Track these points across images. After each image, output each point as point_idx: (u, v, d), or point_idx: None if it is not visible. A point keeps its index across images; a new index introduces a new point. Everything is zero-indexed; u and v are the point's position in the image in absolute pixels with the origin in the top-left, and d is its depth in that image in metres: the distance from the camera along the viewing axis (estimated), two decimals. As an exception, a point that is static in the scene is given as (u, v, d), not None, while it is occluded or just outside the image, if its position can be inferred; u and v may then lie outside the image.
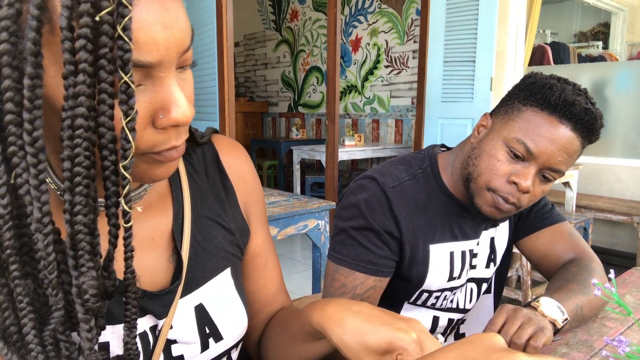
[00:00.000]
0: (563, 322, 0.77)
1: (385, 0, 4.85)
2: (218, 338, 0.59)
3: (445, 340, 1.06)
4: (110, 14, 0.35)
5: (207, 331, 0.58)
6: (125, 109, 0.37)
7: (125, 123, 0.37)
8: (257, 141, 5.86)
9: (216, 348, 0.59)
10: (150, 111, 0.42)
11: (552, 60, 5.04)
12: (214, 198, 0.64)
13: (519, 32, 3.62)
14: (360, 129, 5.30)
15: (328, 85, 3.54)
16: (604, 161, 3.81)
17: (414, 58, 4.62)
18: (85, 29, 0.34)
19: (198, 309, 0.58)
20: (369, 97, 5.16)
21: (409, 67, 4.72)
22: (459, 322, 1.05)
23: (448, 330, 1.04)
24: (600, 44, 6.04)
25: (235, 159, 0.68)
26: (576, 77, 4.05)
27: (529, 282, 2.41)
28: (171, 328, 0.55)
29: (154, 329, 0.55)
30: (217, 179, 0.65)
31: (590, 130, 0.82)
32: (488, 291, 1.10)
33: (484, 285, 1.06)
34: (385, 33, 4.90)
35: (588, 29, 6.48)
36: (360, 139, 4.54)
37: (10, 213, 0.39)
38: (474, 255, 1.00)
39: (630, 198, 3.63)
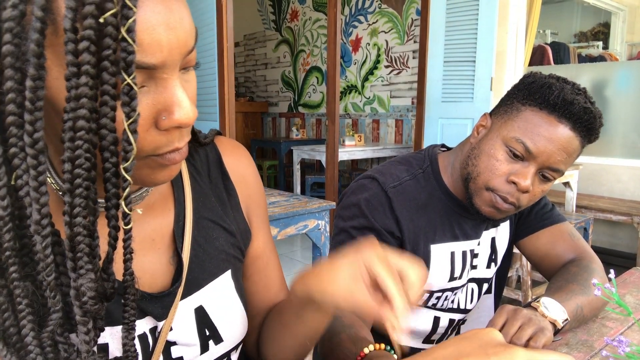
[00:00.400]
0: (563, 323, 0.77)
1: (385, 0, 4.85)
2: (218, 340, 0.59)
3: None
4: (114, 15, 0.34)
5: (207, 333, 0.58)
6: (128, 110, 0.37)
7: (127, 125, 0.37)
8: (257, 141, 5.87)
9: (216, 350, 0.59)
10: (153, 113, 0.42)
11: (552, 60, 5.05)
12: (215, 200, 0.64)
13: (519, 32, 3.62)
14: (360, 129, 5.30)
15: (328, 85, 3.54)
16: (604, 161, 3.81)
17: (414, 58, 4.62)
18: (89, 31, 0.34)
19: (198, 311, 0.58)
20: (369, 97, 5.16)
21: (409, 67, 4.72)
22: (459, 323, 1.05)
23: (449, 331, 1.04)
24: (600, 44, 6.05)
25: (238, 161, 0.68)
26: (576, 77, 4.05)
27: (529, 282, 2.41)
28: (171, 330, 0.55)
29: (153, 330, 0.55)
30: (220, 181, 0.65)
31: (590, 129, 0.82)
32: (489, 291, 1.10)
33: (484, 286, 1.06)
34: (386, 33, 4.90)
35: (588, 29, 6.48)
36: (360, 139, 4.54)
37: (10, 215, 0.39)
38: (475, 256, 1.00)
39: (630, 198, 3.63)
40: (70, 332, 0.43)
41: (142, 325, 0.54)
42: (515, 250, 1.10)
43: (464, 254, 0.98)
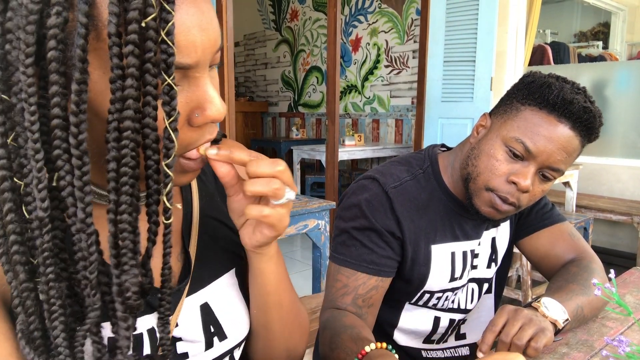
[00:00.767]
0: (564, 323, 0.77)
1: (385, 0, 4.85)
2: (222, 337, 0.60)
3: (446, 341, 1.07)
4: (154, 19, 0.36)
5: (212, 330, 0.59)
6: (168, 109, 0.39)
7: (169, 123, 0.39)
8: (257, 141, 5.87)
9: (220, 347, 0.60)
10: (187, 110, 0.44)
11: (552, 60, 5.04)
12: (221, 200, 0.65)
13: (519, 32, 3.62)
14: (360, 128, 5.30)
15: (328, 85, 3.54)
16: (604, 161, 3.81)
17: (414, 58, 4.62)
18: (134, 35, 0.36)
19: (203, 308, 0.59)
20: (369, 97, 5.16)
21: (409, 67, 4.72)
22: (460, 323, 1.05)
23: (449, 331, 1.04)
24: (600, 43, 6.04)
25: None
26: (576, 77, 4.04)
27: (529, 282, 2.41)
28: (177, 326, 0.56)
29: None
30: None
31: (590, 128, 0.82)
32: (489, 291, 1.10)
33: (485, 286, 1.06)
34: (385, 33, 4.90)
35: (588, 28, 6.48)
36: (360, 139, 4.54)
37: (50, 216, 0.40)
38: (475, 256, 1.00)
39: (630, 198, 3.63)
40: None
41: (150, 321, 0.55)
42: (516, 250, 1.10)
43: (465, 254, 0.98)
